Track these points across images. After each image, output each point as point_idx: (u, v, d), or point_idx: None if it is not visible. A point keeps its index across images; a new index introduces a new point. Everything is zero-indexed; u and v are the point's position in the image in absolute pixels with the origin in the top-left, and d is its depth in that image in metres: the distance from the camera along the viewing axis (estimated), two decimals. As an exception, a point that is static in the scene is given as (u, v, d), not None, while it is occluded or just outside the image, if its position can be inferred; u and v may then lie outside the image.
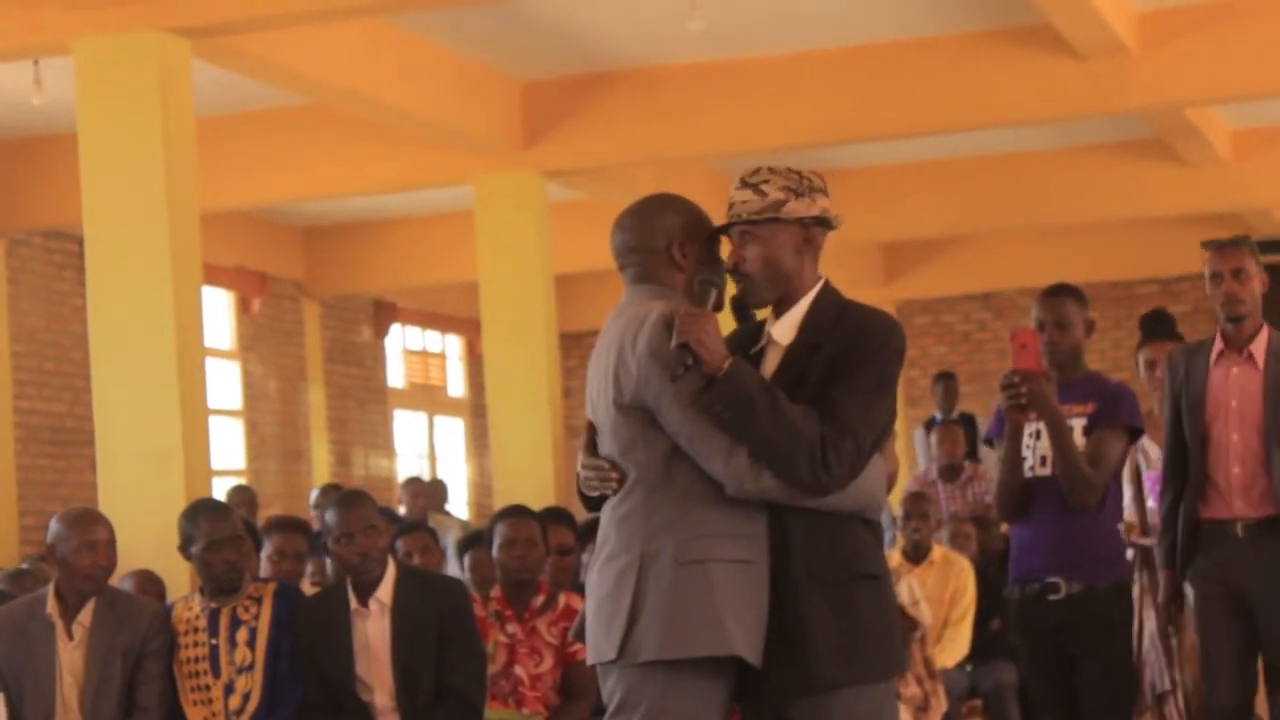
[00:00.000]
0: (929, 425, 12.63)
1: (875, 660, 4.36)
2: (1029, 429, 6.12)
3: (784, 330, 4.48)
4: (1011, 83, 11.25)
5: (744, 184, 4.48)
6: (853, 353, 4.36)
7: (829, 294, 4.49)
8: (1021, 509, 6.18)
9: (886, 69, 11.35)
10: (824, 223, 4.49)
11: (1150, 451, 7.11)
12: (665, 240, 4.51)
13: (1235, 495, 6.25)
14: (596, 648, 4.41)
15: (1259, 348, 6.30)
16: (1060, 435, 6.00)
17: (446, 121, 11.18)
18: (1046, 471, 6.11)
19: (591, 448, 4.49)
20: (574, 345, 18.07)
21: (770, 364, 4.47)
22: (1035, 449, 6.14)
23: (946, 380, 13.73)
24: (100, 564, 6.69)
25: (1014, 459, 6.13)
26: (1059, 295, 6.27)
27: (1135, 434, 6.21)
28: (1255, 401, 6.23)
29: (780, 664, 4.33)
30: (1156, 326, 7.49)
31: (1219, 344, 6.35)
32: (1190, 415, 6.30)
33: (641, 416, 4.36)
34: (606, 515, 4.45)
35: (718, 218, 4.71)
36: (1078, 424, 6.11)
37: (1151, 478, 7.07)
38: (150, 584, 7.78)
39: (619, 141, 11.84)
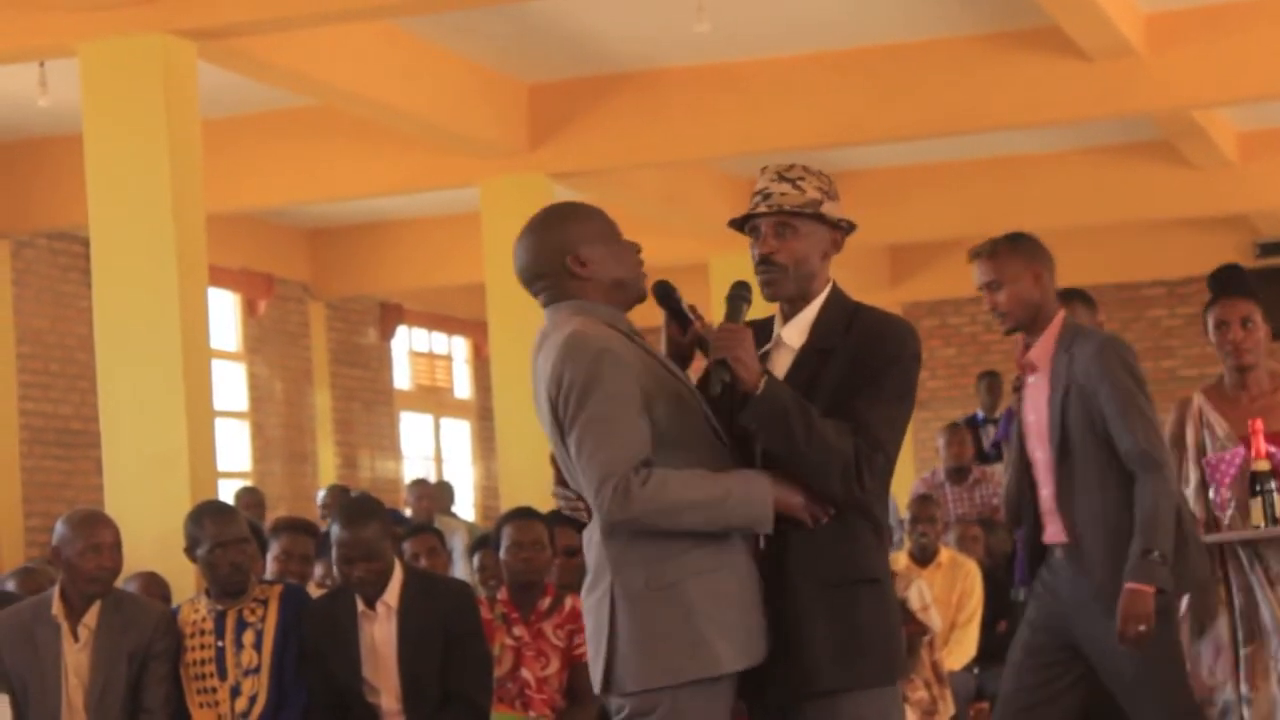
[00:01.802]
0: (970, 423, 12.56)
1: (876, 664, 4.35)
2: None
3: (795, 333, 4.47)
4: (1018, 85, 11.24)
5: (781, 178, 4.48)
6: (872, 360, 4.36)
7: (838, 297, 4.50)
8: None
9: (893, 71, 11.34)
10: (852, 228, 4.52)
11: (1217, 429, 6.24)
12: (560, 257, 4.39)
13: (1047, 519, 5.66)
14: (592, 677, 4.41)
15: (1041, 353, 5.71)
16: None
17: (453, 124, 11.17)
18: None
19: (561, 475, 4.48)
20: (580, 347, 18.03)
21: (780, 366, 4.46)
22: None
23: (990, 379, 13.65)
24: (105, 566, 6.68)
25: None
26: (1067, 300, 6.28)
27: None
28: (1044, 414, 5.64)
29: (781, 667, 4.33)
30: (1226, 282, 6.32)
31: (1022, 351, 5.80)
32: (1017, 431, 5.81)
33: None
34: (584, 543, 4.44)
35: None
36: None
37: (1213, 462, 6.20)
38: (155, 586, 7.77)
39: (625, 144, 11.83)
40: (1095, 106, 11.42)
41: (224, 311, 15.07)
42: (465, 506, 17.30)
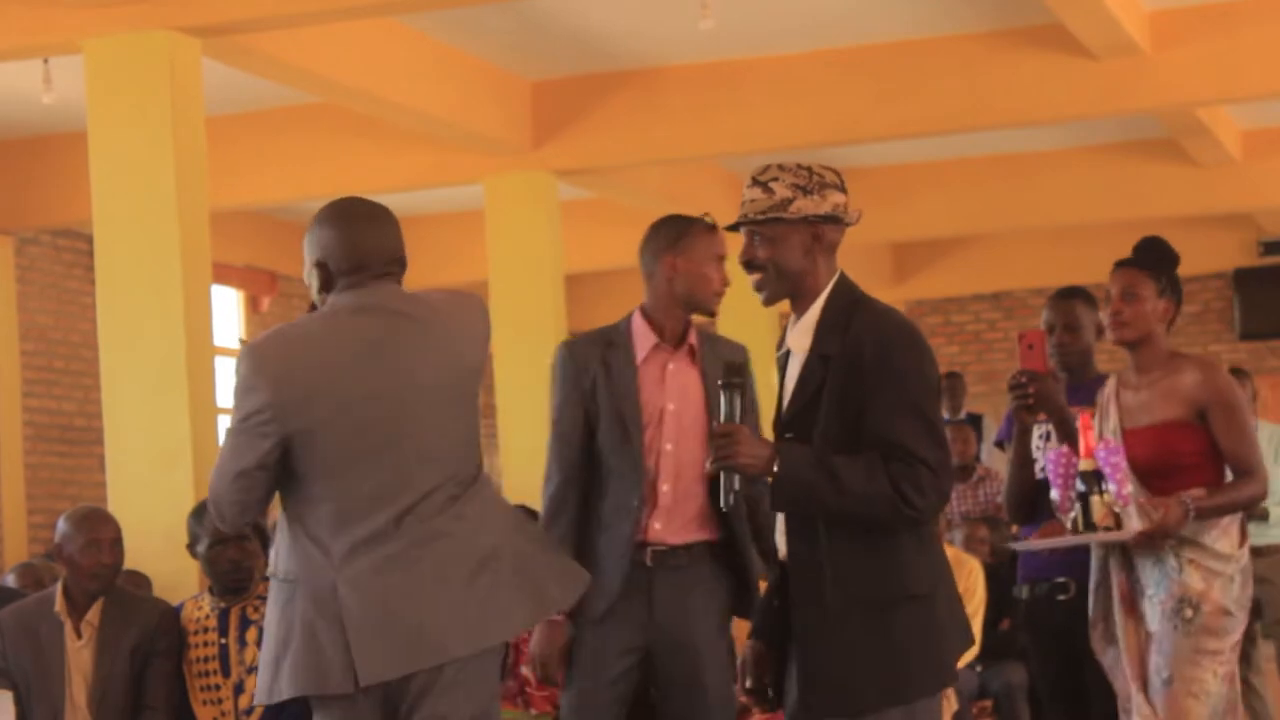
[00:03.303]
0: None
1: (919, 680, 4.32)
2: (1038, 431, 6.09)
3: (799, 337, 4.41)
4: (1022, 82, 11.24)
5: (754, 182, 4.42)
6: (879, 367, 4.28)
7: (841, 293, 4.42)
8: (1031, 510, 6.16)
9: (897, 68, 11.34)
10: (834, 220, 4.41)
11: (1111, 418, 5.81)
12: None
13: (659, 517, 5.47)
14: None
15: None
16: (1068, 434, 5.98)
17: (457, 121, 11.17)
18: None
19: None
20: (584, 345, 18.03)
21: (793, 370, 4.42)
22: (1045, 450, 6.11)
23: (953, 379, 13.71)
24: (104, 562, 6.68)
25: (1023, 460, 6.10)
26: (1069, 298, 6.25)
27: None
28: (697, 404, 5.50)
29: (821, 686, 4.28)
30: (1134, 253, 5.87)
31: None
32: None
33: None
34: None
35: (726, 216, 4.68)
36: None
37: (1045, 460, 5.81)
38: (137, 584, 7.76)
39: (629, 141, 11.83)
40: (1099, 104, 11.42)
41: (228, 308, 15.08)
42: (469, 503, 17.31)
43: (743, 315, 14.51)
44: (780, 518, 4.37)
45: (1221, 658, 5.47)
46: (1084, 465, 5.61)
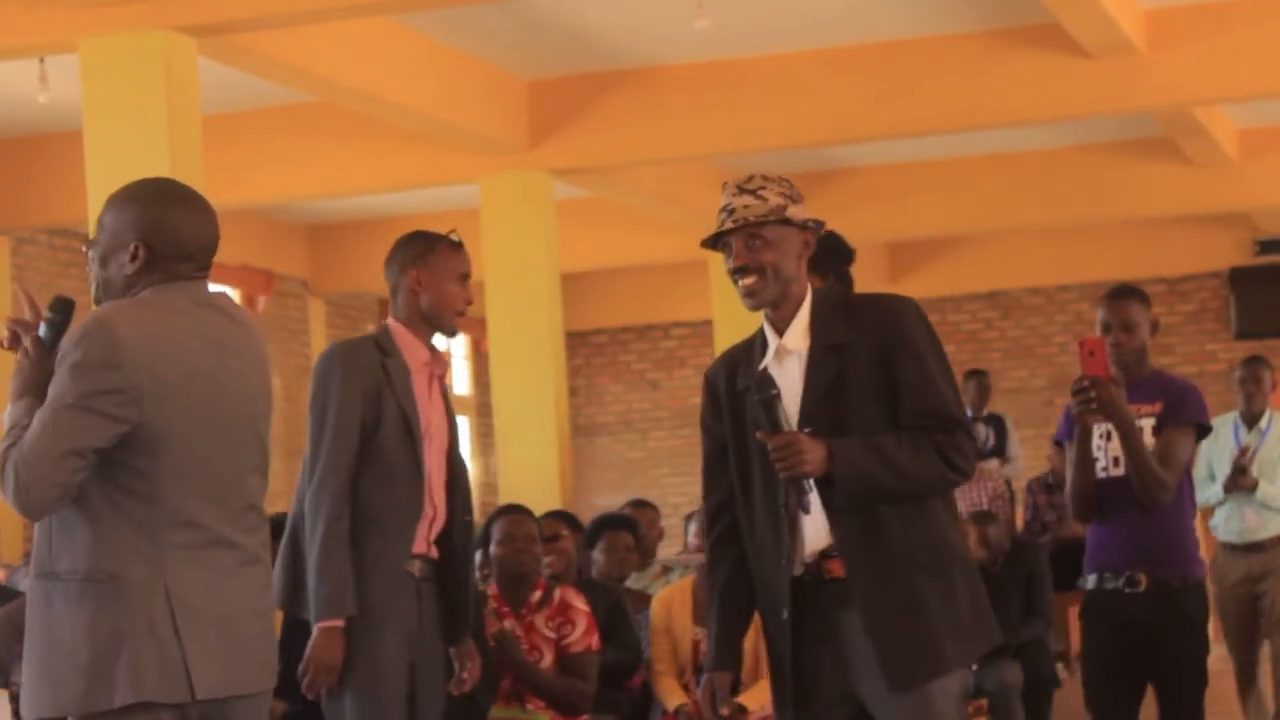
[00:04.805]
0: None
1: (980, 635, 4.51)
2: (1098, 430, 6.12)
3: (796, 337, 4.51)
4: (1019, 82, 11.24)
5: (742, 190, 4.53)
6: (898, 347, 4.45)
7: (822, 294, 4.56)
8: (1096, 509, 6.17)
9: (893, 68, 11.34)
10: (818, 226, 4.55)
11: None
12: None
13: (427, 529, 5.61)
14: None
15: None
16: (1131, 438, 6.00)
17: (453, 120, 11.17)
18: (1119, 472, 6.09)
19: None
20: (580, 344, 18.09)
21: (790, 371, 4.49)
22: (1106, 450, 6.13)
23: (979, 377, 13.65)
24: None
25: (1085, 461, 6.13)
26: (1124, 297, 6.26)
27: (1204, 431, 6.19)
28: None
29: (911, 657, 4.39)
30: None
31: None
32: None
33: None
34: None
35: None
36: (1146, 424, 6.10)
37: None
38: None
39: (625, 140, 11.83)
40: (1096, 103, 11.42)
41: (224, 307, 15.07)
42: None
43: (743, 317, 14.57)
44: (818, 511, 4.43)
45: None
46: None
